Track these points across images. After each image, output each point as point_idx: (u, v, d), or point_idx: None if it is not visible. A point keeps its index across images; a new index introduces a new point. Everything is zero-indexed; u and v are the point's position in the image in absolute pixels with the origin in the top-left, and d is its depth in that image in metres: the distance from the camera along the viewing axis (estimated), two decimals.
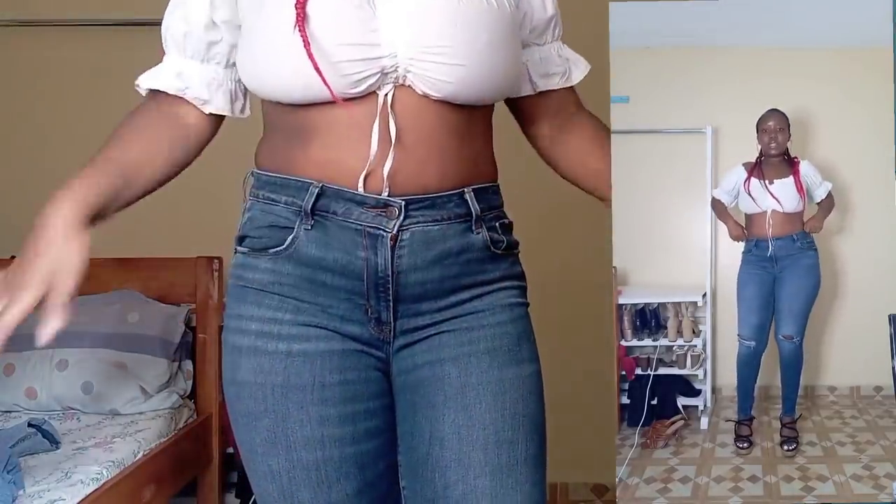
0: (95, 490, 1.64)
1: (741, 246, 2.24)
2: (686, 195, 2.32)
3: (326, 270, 0.96)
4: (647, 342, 2.26)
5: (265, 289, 0.99)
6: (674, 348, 2.25)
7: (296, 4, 0.91)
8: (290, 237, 0.97)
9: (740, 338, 2.20)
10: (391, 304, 0.97)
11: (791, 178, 2.16)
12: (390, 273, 0.96)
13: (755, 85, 2.21)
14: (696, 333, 2.25)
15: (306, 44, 0.89)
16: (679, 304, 2.26)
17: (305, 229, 0.96)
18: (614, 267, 1.24)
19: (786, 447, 2.12)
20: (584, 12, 2.50)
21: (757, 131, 2.23)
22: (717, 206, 2.24)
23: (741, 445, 2.11)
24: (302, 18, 0.90)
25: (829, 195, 2.20)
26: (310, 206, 0.95)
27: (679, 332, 2.24)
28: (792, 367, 2.17)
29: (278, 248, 0.98)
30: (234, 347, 1.00)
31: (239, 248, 1.04)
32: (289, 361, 0.97)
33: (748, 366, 2.19)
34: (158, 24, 2.83)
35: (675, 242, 2.31)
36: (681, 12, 2.05)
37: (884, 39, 1.98)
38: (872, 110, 2.14)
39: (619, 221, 2.02)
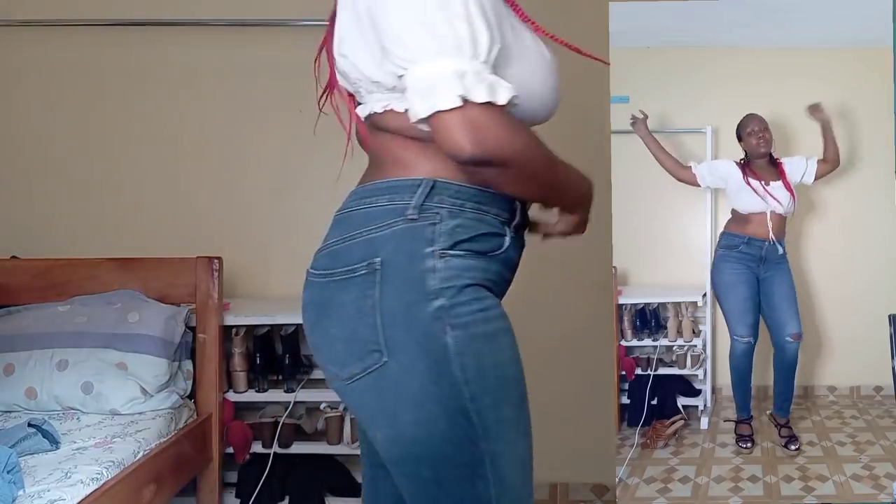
0: (95, 490, 1.63)
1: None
2: (686, 195, 2.32)
3: (512, 270, 1.13)
4: (647, 342, 2.26)
5: (483, 284, 1.07)
6: (674, 348, 2.25)
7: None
8: (505, 243, 1.09)
9: (736, 336, 2.19)
10: None
11: (780, 182, 2.18)
12: None
13: (755, 85, 2.21)
14: (696, 333, 2.25)
15: None
16: (679, 304, 2.26)
17: (511, 236, 1.10)
18: (614, 267, 1.24)
19: (791, 447, 2.12)
20: (584, 12, 2.50)
21: (741, 137, 2.23)
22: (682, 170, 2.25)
23: (743, 445, 2.10)
24: None
25: (825, 161, 2.21)
26: (514, 219, 1.11)
27: (679, 332, 2.24)
28: (791, 367, 2.17)
29: (496, 252, 1.08)
30: (506, 329, 1.08)
31: (453, 251, 1.04)
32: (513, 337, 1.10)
33: (745, 363, 2.18)
34: (157, 24, 2.82)
35: (675, 242, 2.31)
36: (681, 12, 2.05)
37: (884, 39, 1.98)
38: (872, 110, 2.13)
39: (619, 221, 2.02)
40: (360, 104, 1.14)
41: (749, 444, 2.21)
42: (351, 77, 1.10)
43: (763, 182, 2.21)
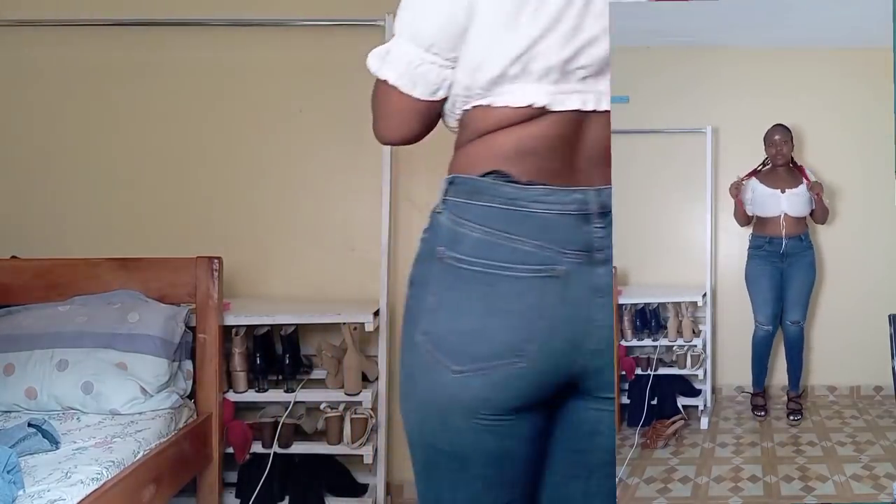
0: (95, 490, 1.64)
1: (741, 245, 2.25)
2: (686, 195, 2.31)
3: None
4: (647, 342, 2.25)
5: None
6: (674, 348, 2.24)
7: None
8: None
9: (758, 323, 2.24)
10: None
11: (801, 188, 2.21)
12: None
13: (755, 84, 2.20)
14: (696, 333, 2.25)
15: None
16: (679, 304, 2.26)
17: None
18: (614, 267, 1.24)
19: (792, 417, 2.14)
20: None
21: (764, 143, 2.26)
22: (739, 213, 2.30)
23: (758, 414, 2.14)
24: None
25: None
26: None
27: (679, 332, 2.24)
28: (797, 346, 2.22)
29: None
30: None
31: None
32: None
33: (764, 346, 2.25)
34: (157, 24, 2.82)
35: (675, 242, 2.31)
36: (681, 12, 2.05)
37: (884, 39, 1.98)
38: (872, 110, 2.13)
39: (619, 221, 2.02)
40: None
41: (763, 414, 2.27)
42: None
43: (780, 189, 2.26)
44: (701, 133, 2.23)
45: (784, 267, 2.26)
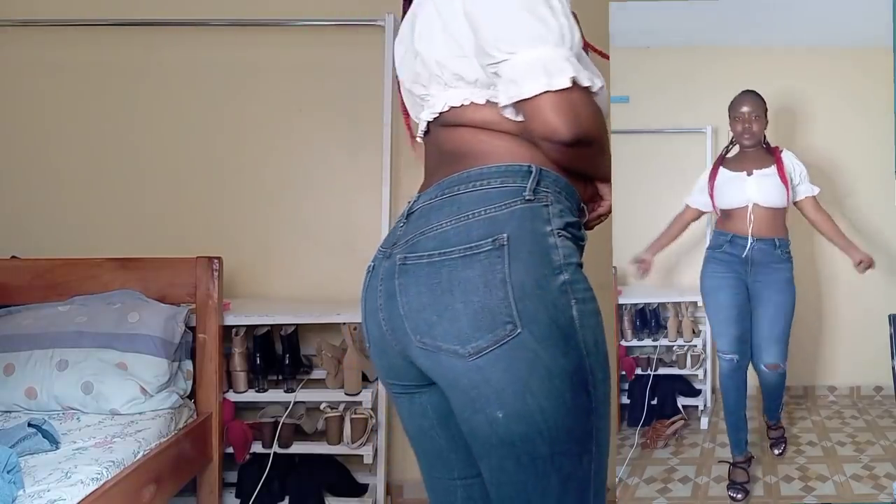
0: (95, 490, 1.64)
1: None
2: (686, 196, 2.32)
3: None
4: (647, 342, 2.26)
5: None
6: (674, 348, 2.25)
7: None
8: (584, 233, 1.17)
9: (719, 353, 1.99)
10: None
11: (773, 168, 2.02)
12: None
13: (755, 85, 2.21)
14: (696, 333, 2.25)
15: None
16: (679, 304, 2.26)
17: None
18: (614, 267, 1.24)
19: (776, 450, 2.10)
20: (584, 12, 2.50)
21: (729, 118, 2.07)
22: (683, 215, 2.13)
23: (734, 495, 1.88)
24: None
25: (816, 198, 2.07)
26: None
27: (679, 332, 2.24)
28: (773, 392, 2.02)
29: (582, 241, 1.14)
30: (599, 311, 1.11)
31: (564, 232, 1.14)
32: None
33: (735, 384, 1.95)
34: (157, 24, 2.82)
35: (675, 242, 2.31)
36: (681, 12, 2.05)
37: (884, 39, 1.97)
38: (872, 110, 2.13)
39: (620, 221, 2.01)
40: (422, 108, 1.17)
41: (741, 496, 1.96)
42: (427, 73, 1.13)
43: (745, 171, 2.04)
44: (701, 133, 2.23)
45: (750, 280, 1.96)
